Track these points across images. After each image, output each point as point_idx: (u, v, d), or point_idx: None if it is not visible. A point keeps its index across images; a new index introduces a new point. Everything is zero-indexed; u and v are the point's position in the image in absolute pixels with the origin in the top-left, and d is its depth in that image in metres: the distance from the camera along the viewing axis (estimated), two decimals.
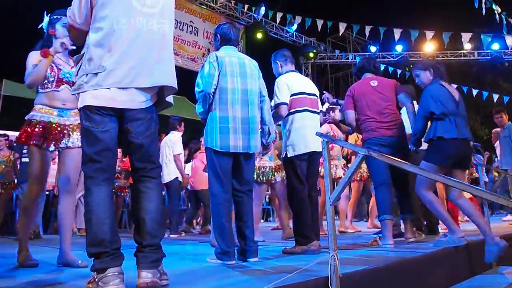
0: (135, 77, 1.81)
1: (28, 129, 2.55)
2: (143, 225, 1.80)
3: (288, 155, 3.20)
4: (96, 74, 1.78)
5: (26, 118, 2.61)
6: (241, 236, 2.72)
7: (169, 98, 1.99)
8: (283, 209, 4.75)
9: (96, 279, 1.70)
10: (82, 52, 1.89)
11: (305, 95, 3.29)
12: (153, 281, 1.71)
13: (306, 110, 3.25)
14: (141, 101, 1.84)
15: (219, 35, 2.91)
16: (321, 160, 5.69)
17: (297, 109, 3.23)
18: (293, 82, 3.28)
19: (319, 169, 4.46)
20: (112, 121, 1.81)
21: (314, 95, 3.39)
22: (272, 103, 3.29)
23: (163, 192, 5.85)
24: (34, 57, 2.61)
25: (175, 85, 1.95)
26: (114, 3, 1.84)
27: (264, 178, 4.48)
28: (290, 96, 3.23)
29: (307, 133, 3.18)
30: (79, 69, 1.85)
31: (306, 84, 3.38)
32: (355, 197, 5.65)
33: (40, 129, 2.54)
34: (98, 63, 1.79)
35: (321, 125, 4.46)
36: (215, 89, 2.68)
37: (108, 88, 1.77)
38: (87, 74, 1.80)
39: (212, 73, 2.68)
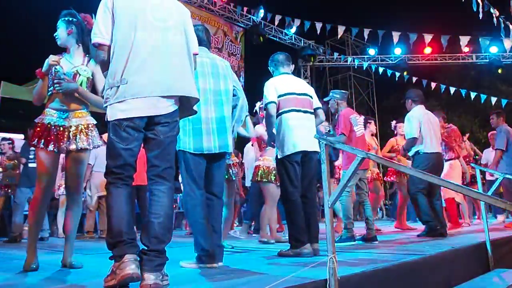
0: (155, 87, 1.90)
1: (33, 132, 2.61)
2: (151, 228, 1.86)
3: (279, 157, 3.21)
4: (118, 86, 1.87)
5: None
6: None
7: (194, 106, 2.13)
8: (267, 209, 4.51)
9: (114, 269, 1.77)
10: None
11: (294, 95, 3.27)
12: (155, 283, 1.77)
13: (293, 110, 3.23)
14: (165, 107, 1.94)
15: None
16: (336, 163, 5.95)
17: (284, 109, 3.23)
18: (279, 83, 3.28)
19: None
20: (137, 139, 1.91)
21: (306, 94, 3.35)
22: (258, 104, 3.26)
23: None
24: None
25: (195, 95, 2.06)
26: (131, 16, 1.94)
27: (269, 177, 4.40)
28: (278, 97, 3.22)
29: (295, 133, 3.16)
30: (106, 83, 1.96)
31: (295, 85, 3.36)
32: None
33: (38, 130, 2.57)
34: (119, 75, 1.88)
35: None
36: None
37: (132, 99, 1.86)
38: (111, 88, 1.90)
39: None
